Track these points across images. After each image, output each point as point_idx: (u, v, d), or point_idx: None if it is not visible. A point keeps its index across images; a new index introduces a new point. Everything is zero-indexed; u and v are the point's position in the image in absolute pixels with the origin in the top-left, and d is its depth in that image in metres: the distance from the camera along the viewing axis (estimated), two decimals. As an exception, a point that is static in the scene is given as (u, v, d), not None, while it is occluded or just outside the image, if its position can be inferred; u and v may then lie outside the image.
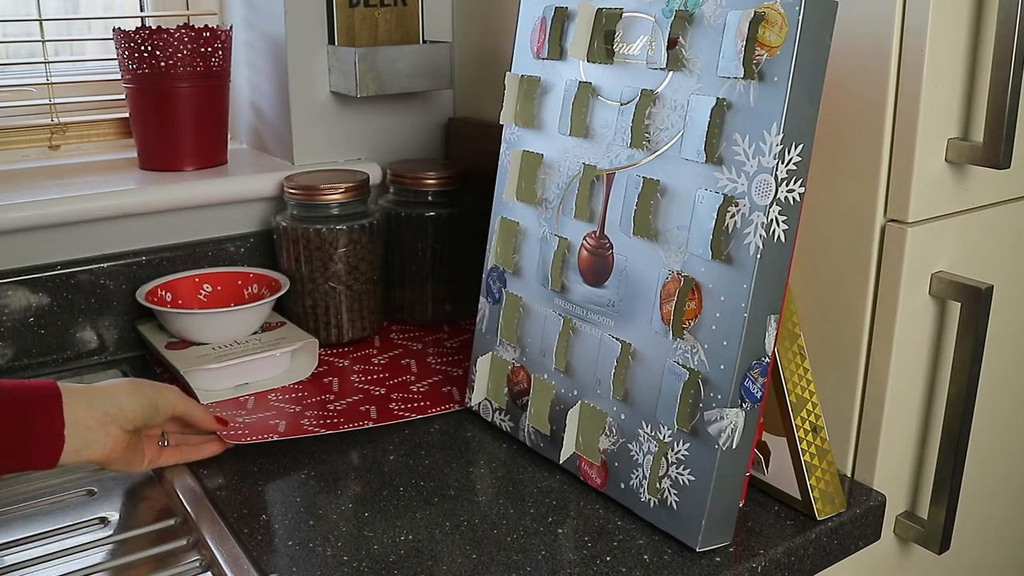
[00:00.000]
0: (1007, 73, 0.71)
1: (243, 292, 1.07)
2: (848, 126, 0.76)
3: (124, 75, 1.10)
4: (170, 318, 0.98)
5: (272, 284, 1.06)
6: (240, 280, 1.08)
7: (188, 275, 1.06)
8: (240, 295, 1.07)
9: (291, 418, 0.89)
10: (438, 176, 1.10)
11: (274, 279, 1.06)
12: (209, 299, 1.06)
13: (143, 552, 0.71)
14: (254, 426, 0.86)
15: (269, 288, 1.06)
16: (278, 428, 0.85)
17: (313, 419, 0.89)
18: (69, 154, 1.19)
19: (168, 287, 1.04)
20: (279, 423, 0.87)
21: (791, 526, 0.74)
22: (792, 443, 0.74)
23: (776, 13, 0.64)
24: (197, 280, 1.07)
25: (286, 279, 1.05)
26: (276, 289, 1.04)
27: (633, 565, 0.68)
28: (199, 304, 1.05)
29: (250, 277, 1.08)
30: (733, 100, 0.66)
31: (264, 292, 1.06)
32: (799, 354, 0.74)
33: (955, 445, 0.79)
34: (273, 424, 0.87)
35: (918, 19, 0.71)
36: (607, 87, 0.76)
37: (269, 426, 0.86)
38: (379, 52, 1.10)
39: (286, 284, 1.04)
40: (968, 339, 0.77)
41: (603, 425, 0.76)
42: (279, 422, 0.87)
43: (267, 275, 1.07)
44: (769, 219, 0.65)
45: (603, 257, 0.77)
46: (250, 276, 1.08)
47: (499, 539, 0.71)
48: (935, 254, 0.78)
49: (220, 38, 1.10)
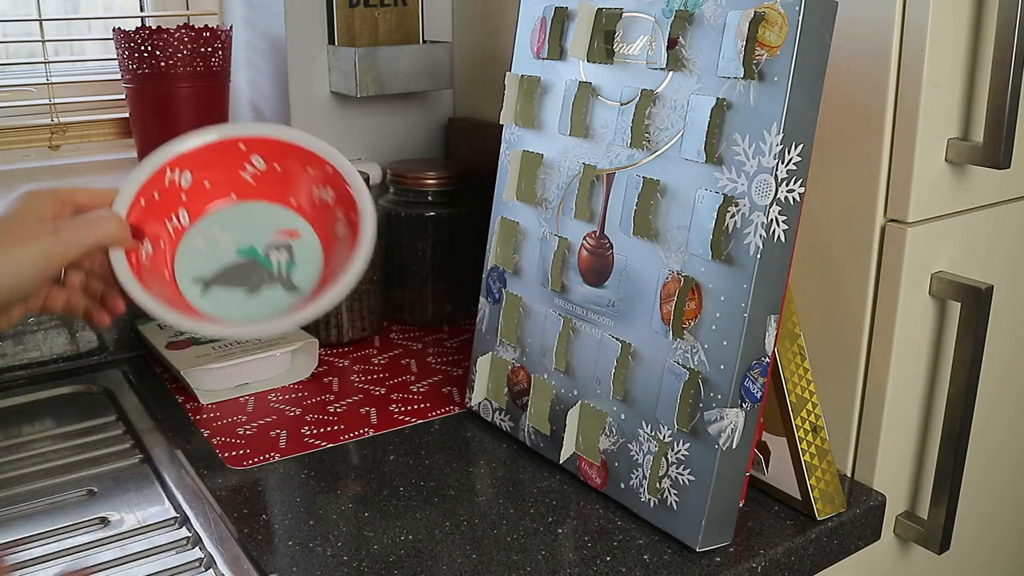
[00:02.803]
0: (1007, 73, 0.71)
1: None
2: (848, 126, 0.76)
3: (124, 75, 1.10)
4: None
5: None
6: None
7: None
8: None
9: (291, 424, 0.89)
10: (438, 176, 1.10)
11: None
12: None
13: (143, 552, 0.71)
14: (254, 443, 0.86)
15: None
16: (279, 444, 0.85)
17: (313, 424, 0.89)
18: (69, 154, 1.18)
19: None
20: (280, 435, 0.87)
21: (791, 526, 0.74)
22: (792, 443, 0.74)
23: (776, 13, 0.64)
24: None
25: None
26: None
27: (633, 565, 0.68)
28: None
29: None
30: (733, 100, 0.66)
31: None
32: (799, 354, 0.74)
33: (955, 445, 0.79)
34: (273, 437, 0.87)
35: (918, 19, 0.71)
36: (607, 87, 0.76)
37: (269, 439, 0.86)
38: (379, 52, 1.10)
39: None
40: (968, 339, 0.77)
41: (603, 425, 0.76)
42: (279, 433, 0.87)
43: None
44: (769, 219, 0.65)
45: (603, 257, 0.77)
46: None
47: (499, 539, 0.71)
48: (935, 254, 0.78)
49: (220, 38, 1.10)
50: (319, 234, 0.71)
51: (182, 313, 0.65)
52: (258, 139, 0.70)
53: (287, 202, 0.71)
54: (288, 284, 0.69)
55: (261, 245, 0.70)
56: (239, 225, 0.71)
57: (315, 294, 0.68)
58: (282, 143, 0.70)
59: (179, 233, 0.70)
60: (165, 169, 0.68)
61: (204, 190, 0.71)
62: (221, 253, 0.70)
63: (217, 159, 0.70)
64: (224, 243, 0.70)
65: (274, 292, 0.69)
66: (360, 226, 0.68)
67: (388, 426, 0.89)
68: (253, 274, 0.69)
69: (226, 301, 0.68)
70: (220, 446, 0.85)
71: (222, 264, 0.69)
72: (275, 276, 0.70)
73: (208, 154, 0.70)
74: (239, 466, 0.82)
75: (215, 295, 0.68)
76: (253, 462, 0.82)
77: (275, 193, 0.71)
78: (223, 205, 0.71)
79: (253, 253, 0.70)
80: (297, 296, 0.69)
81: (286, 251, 0.70)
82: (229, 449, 0.84)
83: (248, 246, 0.70)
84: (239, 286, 0.69)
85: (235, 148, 0.70)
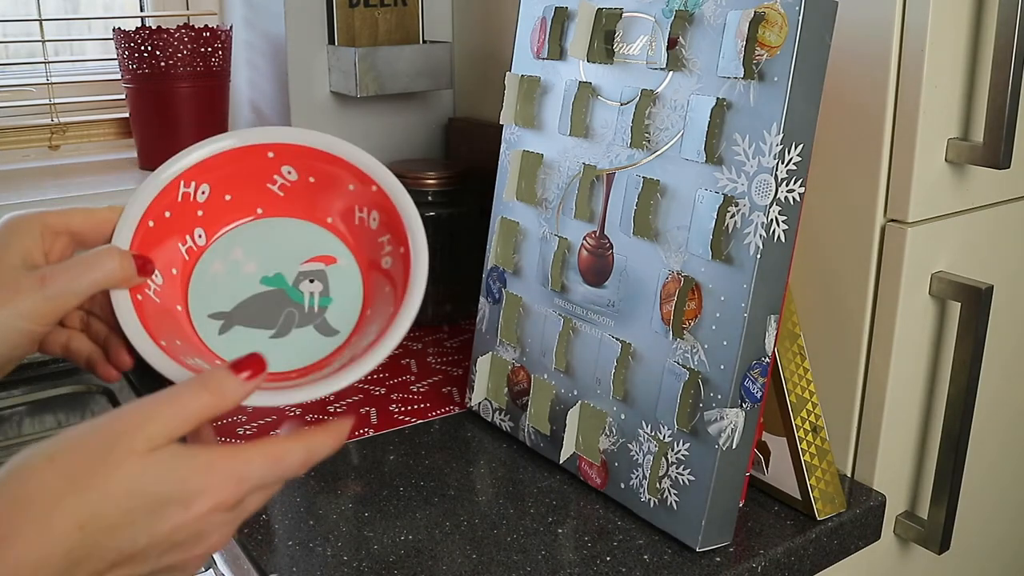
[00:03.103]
0: (1007, 73, 0.71)
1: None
2: (848, 126, 0.76)
3: (124, 75, 1.10)
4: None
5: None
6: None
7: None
8: None
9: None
10: (438, 176, 1.10)
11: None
12: None
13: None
14: None
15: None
16: None
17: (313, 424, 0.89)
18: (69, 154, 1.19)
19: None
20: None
21: (791, 526, 0.74)
22: (792, 443, 0.74)
23: (776, 13, 0.64)
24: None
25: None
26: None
27: (633, 565, 0.68)
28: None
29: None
30: (733, 100, 0.66)
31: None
32: (799, 354, 0.74)
33: (955, 445, 0.79)
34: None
35: (918, 19, 0.71)
36: (607, 87, 0.76)
37: None
38: (379, 52, 1.10)
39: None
40: (968, 339, 0.77)
41: (603, 425, 0.76)
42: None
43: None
44: (769, 219, 0.65)
45: (603, 257, 0.77)
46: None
47: (499, 539, 0.71)
48: (935, 254, 0.78)
49: (220, 38, 1.10)
50: (360, 263, 0.59)
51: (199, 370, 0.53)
52: (290, 146, 0.58)
53: (323, 221, 0.59)
54: (323, 325, 0.57)
55: (291, 273, 0.58)
56: (265, 247, 0.59)
57: (352, 341, 0.56)
58: (318, 152, 0.58)
59: (194, 256, 0.58)
60: (178, 182, 0.57)
61: (224, 205, 0.59)
62: (243, 282, 0.58)
63: (240, 169, 0.58)
64: (247, 269, 0.58)
65: (305, 335, 0.57)
66: (411, 261, 0.55)
67: (388, 426, 0.89)
68: (280, 310, 0.57)
69: (247, 344, 0.56)
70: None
71: (244, 296, 0.57)
72: (306, 313, 0.57)
73: (229, 163, 0.58)
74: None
75: (236, 336, 0.56)
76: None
77: (309, 210, 0.59)
78: (247, 222, 0.60)
79: (281, 282, 0.58)
80: (331, 342, 0.56)
81: (320, 282, 0.58)
82: (229, 449, 0.84)
83: (275, 273, 0.58)
84: (264, 327, 0.57)
85: (262, 156, 0.58)
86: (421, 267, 0.55)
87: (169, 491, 0.42)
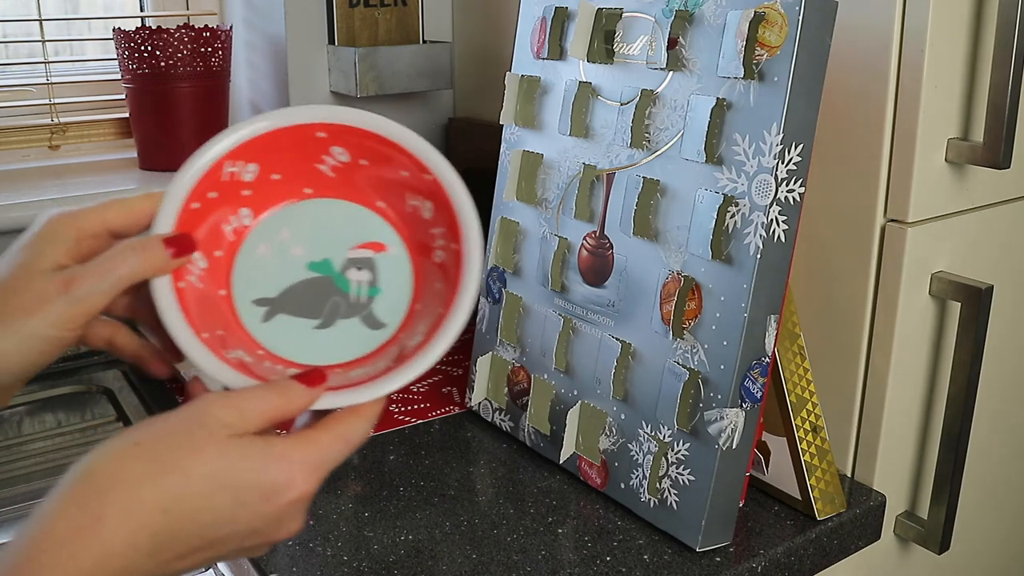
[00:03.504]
0: (1007, 73, 0.71)
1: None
2: (848, 126, 0.76)
3: (124, 75, 1.10)
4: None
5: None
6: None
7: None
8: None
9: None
10: (438, 176, 1.10)
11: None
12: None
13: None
14: None
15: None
16: None
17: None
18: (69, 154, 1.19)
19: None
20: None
21: (791, 526, 0.74)
22: (792, 443, 0.74)
23: (776, 13, 0.64)
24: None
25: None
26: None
27: (633, 565, 0.68)
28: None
29: None
30: (733, 100, 0.66)
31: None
32: (799, 354, 0.74)
33: (955, 445, 0.79)
34: None
35: (918, 20, 0.71)
36: (607, 87, 0.76)
37: None
38: (379, 52, 1.10)
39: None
40: (968, 339, 0.77)
41: (603, 425, 0.76)
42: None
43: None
44: (769, 219, 0.65)
45: (603, 257, 0.77)
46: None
47: (499, 539, 0.71)
48: (935, 254, 0.78)
49: (220, 38, 1.10)
50: (410, 253, 0.56)
51: (240, 373, 0.50)
52: (342, 127, 0.55)
53: (372, 205, 0.56)
54: (369, 317, 0.54)
55: (339, 259, 0.55)
56: (313, 229, 0.56)
57: (399, 337, 0.54)
58: (372, 134, 0.55)
59: (240, 236, 0.55)
60: (224, 162, 0.53)
61: (272, 184, 0.55)
62: (289, 266, 0.55)
63: (289, 148, 0.55)
64: (294, 252, 0.55)
65: (350, 327, 0.54)
66: (463, 259, 0.53)
67: (388, 426, 0.89)
68: (326, 299, 0.55)
69: (291, 334, 0.54)
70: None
71: (290, 281, 0.54)
72: (352, 304, 0.54)
73: (278, 141, 0.55)
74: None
75: (279, 324, 0.54)
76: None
77: (359, 193, 0.56)
78: (294, 203, 0.56)
79: (328, 269, 0.55)
80: (378, 336, 0.54)
81: (368, 270, 0.55)
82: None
83: (323, 259, 0.55)
84: (309, 316, 0.54)
85: (312, 135, 0.55)
86: (475, 265, 0.52)
87: (249, 480, 0.44)
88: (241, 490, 0.44)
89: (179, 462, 0.42)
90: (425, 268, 0.55)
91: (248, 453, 0.44)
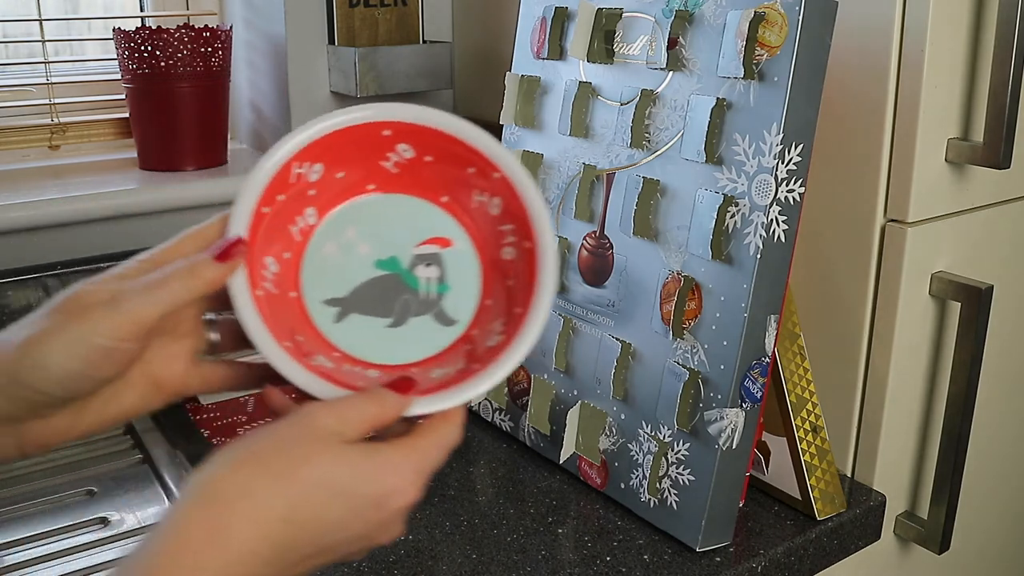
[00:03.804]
0: (1007, 73, 0.71)
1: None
2: (848, 126, 0.76)
3: (124, 75, 1.10)
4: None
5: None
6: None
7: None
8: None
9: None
10: (438, 176, 1.10)
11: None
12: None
13: (143, 552, 0.71)
14: None
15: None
16: None
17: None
18: (69, 154, 1.18)
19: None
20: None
21: (791, 526, 0.74)
22: (792, 443, 0.74)
23: (776, 13, 0.64)
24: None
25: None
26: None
27: (633, 565, 0.68)
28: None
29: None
30: (733, 100, 0.66)
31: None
32: (799, 354, 0.74)
33: (955, 445, 0.79)
34: None
35: (918, 19, 0.71)
36: (607, 87, 0.76)
37: None
38: (379, 52, 1.10)
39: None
40: (968, 339, 0.77)
41: (603, 425, 0.76)
42: None
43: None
44: (769, 219, 0.65)
45: (603, 257, 0.77)
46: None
47: (499, 539, 0.71)
48: (935, 254, 0.78)
49: (220, 38, 1.10)
50: (477, 248, 0.55)
51: (342, 388, 0.50)
52: (408, 125, 0.54)
53: (437, 200, 0.55)
54: (440, 314, 0.54)
55: (405, 256, 0.54)
56: (378, 226, 0.55)
57: (471, 334, 0.53)
58: (439, 133, 0.54)
59: (306, 236, 0.55)
60: (292, 164, 0.53)
61: (336, 183, 0.55)
62: (357, 264, 0.54)
63: (353, 146, 0.54)
64: (360, 251, 0.54)
65: (423, 324, 0.54)
66: (538, 257, 0.52)
67: (388, 426, 0.89)
68: (396, 296, 0.54)
69: (364, 333, 0.53)
70: (220, 446, 0.85)
71: (359, 281, 0.54)
72: (422, 301, 0.54)
73: (342, 140, 0.54)
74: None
75: (352, 325, 0.53)
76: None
77: (423, 188, 0.55)
78: (358, 199, 0.55)
79: (395, 266, 0.54)
80: (450, 332, 0.54)
81: (436, 266, 0.55)
82: (229, 449, 0.84)
83: (389, 256, 0.54)
84: (381, 315, 0.54)
85: (377, 134, 0.54)
86: (551, 262, 0.52)
87: (363, 488, 0.45)
88: (354, 498, 0.45)
89: (296, 472, 0.44)
90: (493, 264, 0.55)
91: (360, 461, 0.45)
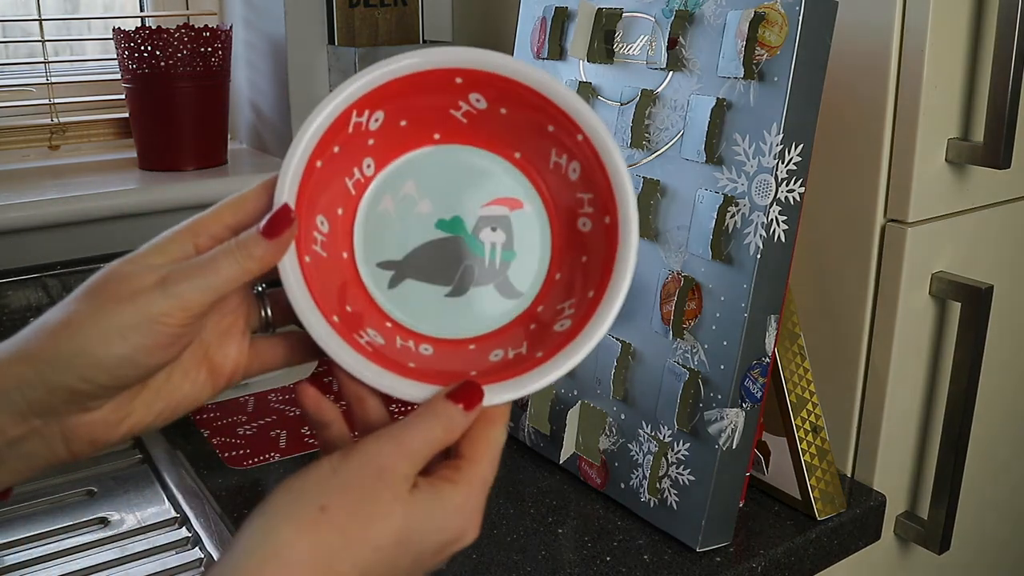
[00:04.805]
0: (1007, 73, 0.71)
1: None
2: (848, 126, 0.76)
3: (124, 75, 1.10)
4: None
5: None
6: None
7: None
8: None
9: (291, 425, 0.89)
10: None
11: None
12: None
13: (143, 552, 0.71)
14: (255, 443, 0.86)
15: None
16: (279, 444, 0.85)
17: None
18: (69, 154, 1.18)
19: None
20: (280, 435, 0.87)
21: (791, 526, 0.74)
22: (792, 443, 0.74)
23: (776, 13, 0.64)
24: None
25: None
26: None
27: (633, 565, 0.68)
28: None
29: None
30: (733, 100, 0.66)
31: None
32: (799, 354, 0.74)
33: (955, 445, 0.79)
34: (273, 437, 0.87)
35: (918, 20, 0.71)
36: (607, 87, 0.76)
37: (269, 439, 0.86)
38: (379, 52, 1.10)
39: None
40: (968, 339, 0.77)
41: (603, 425, 0.76)
42: (280, 433, 0.87)
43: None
44: (769, 219, 0.65)
45: (603, 257, 0.77)
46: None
47: (499, 539, 0.71)
48: (935, 254, 0.78)
49: (220, 38, 1.10)
50: (549, 214, 0.49)
51: (393, 372, 0.47)
52: (483, 73, 0.47)
53: (510, 156, 0.49)
54: (504, 285, 0.49)
55: (471, 218, 0.49)
56: (441, 182, 0.49)
57: (535, 310, 0.49)
58: (518, 84, 0.47)
59: (361, 189, 0.49)
60: (351, 112, 0.47)
61: (398, 131, 0.49)
62: (416, 224, 0.49)
63: (420, 93, 0.48)
64: (420, 208, 0.49)
65: (484, 295, 0.49)
66: (619, 233, 0.46)
67: (388, 426, 0.89)
68: (458, 262, 0.49)
69: (420, 302, 0.48)
70: (220, 446, 0.85)
71: (417, 242, 0.49)
72: (487, 269, 0.48)
73: (409, 87, 0.48)
74: (239, 466, 0.82)
75: (407, 291, 0.48)
76: (253, 462, 0.82)
77: (495, 141, 0.49)
78: (421, 150, 0.49)
79: (459, 228, 0.49)
80: (514, 306, 0.48)
81: (503, 231, 0.49)
82: (229, 449, 0.84)
83: (453, 216, 0.49)
84: (440, 283, 0.49)
85: (449, 81, 0.47)
86: (631, 245, 0.46)
87: (431, 539, 0.45)
88: (424, 550, 0.45)
89: (369, 532, 0.43)
90: (566, 234, 0.49)
91: (431, 510, 0.45)
